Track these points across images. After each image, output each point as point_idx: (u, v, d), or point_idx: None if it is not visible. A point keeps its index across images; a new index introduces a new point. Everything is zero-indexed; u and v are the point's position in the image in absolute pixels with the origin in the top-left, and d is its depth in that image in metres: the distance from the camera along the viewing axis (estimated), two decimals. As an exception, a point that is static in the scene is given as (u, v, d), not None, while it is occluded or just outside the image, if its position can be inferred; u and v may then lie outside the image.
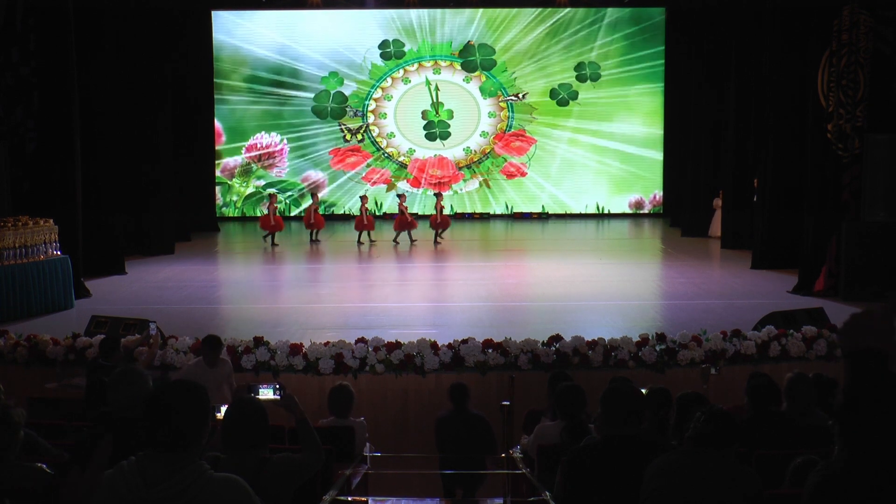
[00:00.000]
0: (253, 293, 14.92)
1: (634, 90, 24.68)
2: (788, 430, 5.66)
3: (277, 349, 10.01)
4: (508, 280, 16.33)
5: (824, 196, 14.53)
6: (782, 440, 5.52)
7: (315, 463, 4.53)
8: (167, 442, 3.19)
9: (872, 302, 11.98)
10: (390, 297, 14.64)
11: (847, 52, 13.98)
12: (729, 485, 4.04)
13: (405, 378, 9.81)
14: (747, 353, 10.07)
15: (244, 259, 19.47)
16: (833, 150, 14.19)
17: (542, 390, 7.84)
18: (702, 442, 4.13)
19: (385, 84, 24.93)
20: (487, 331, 10.42)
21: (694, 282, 15.49)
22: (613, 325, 11.78)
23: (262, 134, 24.87)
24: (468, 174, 25.23)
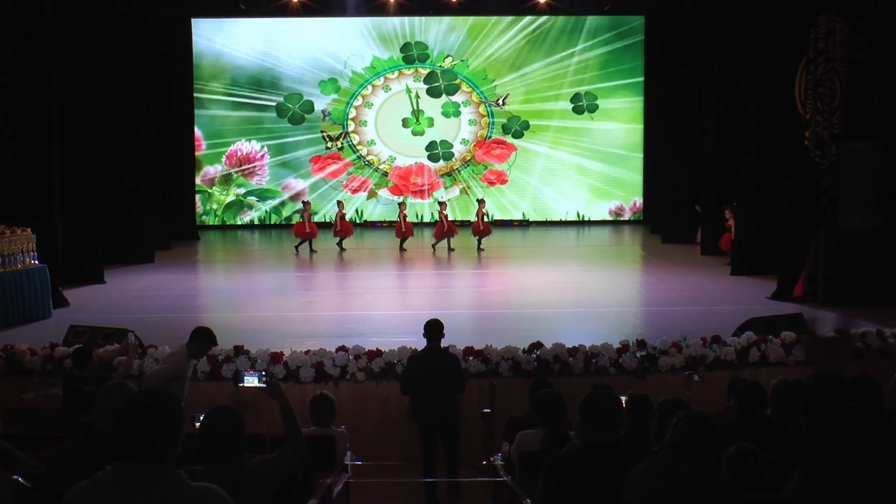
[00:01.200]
0: (233, 302, 14.84)
1: (615, 98, 24.78)
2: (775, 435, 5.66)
3: (258, 358, 9.96)
4: (489, 287, 16.34)
5: (803, 202, 14.63)
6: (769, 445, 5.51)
7: (295, 454, 4.52)
8: (142, 451, 3.15)
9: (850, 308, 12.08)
10: (371, 304, 14.60)
11: (824, 59, 14.09)
12: (709, 491, 4.04)
13: (386, 386, 9.77)
14: (727, 358, 10.10)
15: (225, 267, 19.38)
16: (811, 157, 14.29)
17: (524, 397, 7.84)
18: (680, 448, 4.13)
19: (365, 92, 24.92)
20: (468, 338, 10.40)
21: (674, 288, 15.54)
22: (594, 332, 11.79)
23: (242, 142, 24.80)
24: (448, 182, 25.23)
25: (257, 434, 6.93)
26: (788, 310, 12.16)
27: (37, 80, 14.43)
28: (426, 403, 8.32)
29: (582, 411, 4.55)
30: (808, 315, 11.66)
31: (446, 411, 8.33)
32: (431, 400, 8.30)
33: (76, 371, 8.16)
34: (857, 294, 13.62)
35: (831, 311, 13.21)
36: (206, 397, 9.08)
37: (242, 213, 25.02)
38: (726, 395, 7.09)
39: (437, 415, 8.29)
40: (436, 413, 8.28)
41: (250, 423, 5.86)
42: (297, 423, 4.64)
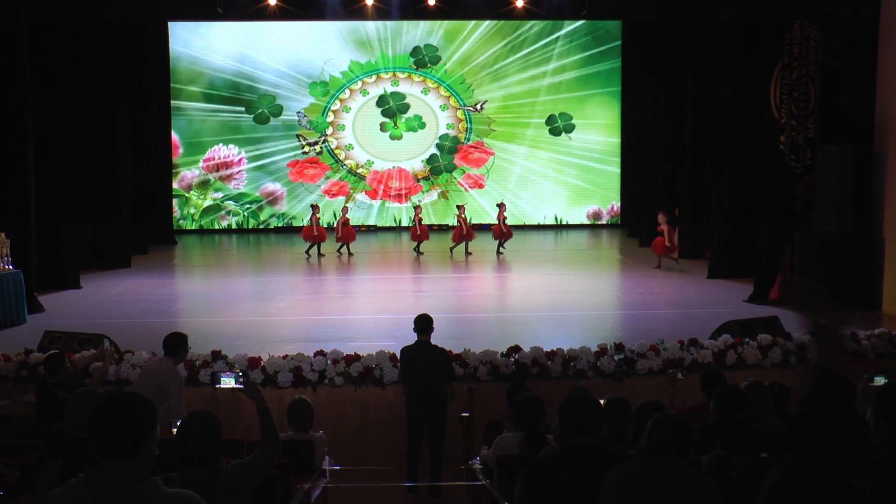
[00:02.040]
0: (211, 306, 14.77)
1: (591, 101, 24.87)
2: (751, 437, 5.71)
3: (236, 362, 9.91)
4: (468, 291, 16.34)
5: (778, 207, 14.74)
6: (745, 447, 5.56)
7: (272, 456, 4.51)
8: (115, 447, 3.13)
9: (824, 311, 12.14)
10: (349, 309, 14.57)
11: (798, 65, 14.22)
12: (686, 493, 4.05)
13: (364, 390, 9.76)
14: (704, 361, 10.16)
15: (202, 272, 19.27)
16: (786, 162, 14.40)
17: (502, 401, 7.85)
18: (656, 450, 4.14)
19: (343, 96, 24.89)
20: (447, 342, 10.38)
21: (652, 291, 15.60)
22: (572, 336, 11.82)
23: (219, 146, 24.69)
24: (426, 186, 25.24)
25: (235, 439, 6.90)
26: (765, 313, 12.24)
27: (11, 85, 14.31)
28: (415, 395, 8.68)
29: (561, 414, 4.56)
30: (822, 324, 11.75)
31: (434, 403, 8.63)
32: (420, 391, 8.64)
33: (49, 377, 8.08)
34: (832, 297, 13.73)
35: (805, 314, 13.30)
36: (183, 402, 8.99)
37: (220, 218, 24.91)
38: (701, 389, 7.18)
39: (426, 406, 8.60)
40: (424, 404, 8.60)
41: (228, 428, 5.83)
42: (274, 424, 4.63)
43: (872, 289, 13.93)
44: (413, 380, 8.77)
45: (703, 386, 7.17)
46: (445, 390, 8.73)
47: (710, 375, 7.28)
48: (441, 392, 8.73)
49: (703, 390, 7.16)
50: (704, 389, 7.13)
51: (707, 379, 7.21)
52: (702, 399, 7.18)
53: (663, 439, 4.13)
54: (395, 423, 9.10)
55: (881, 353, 10.69)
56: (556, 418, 4.66)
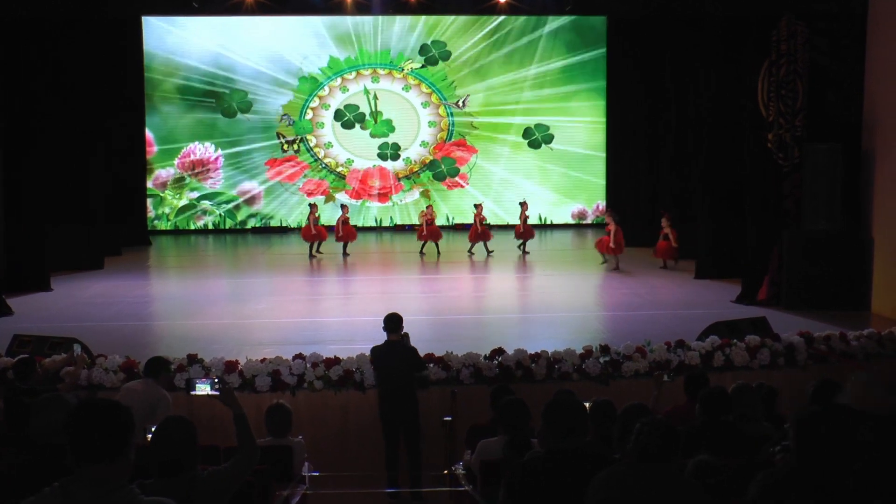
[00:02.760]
0: (187, 309, 14.70)
1: (576, 98, 24.92)
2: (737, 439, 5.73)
3: (212, 366, 9.87)
4: (450, 293, 16.34)
5: (766, 206, 14.82)
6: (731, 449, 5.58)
7: (248, 464, 4.50)
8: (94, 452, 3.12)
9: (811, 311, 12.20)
10: (329, 311, 14.55)
11: (786, 62, 14.30)
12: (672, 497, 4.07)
13: (345, 394, 9.74)
14: (691, 363, 10.20)
15: (178, 273, 19.19)
16: (774, 160, 14.48)
17: (485, 405, 7.85)
18: (643, 455, 4.16)
19: (322, 93, 24.84)
20: (429, 344, 10.39)
21: (637, 292, 15.66)
22: (557, 338, 11.83)
23: (195, 144, 24.59)
24: (408, 185, 25.23)
25: (212, 445, 6.87)
26: (753, 313, 12.30)
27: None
28: (387, 395, 8.82)
29: (545, 416, 4.57)
30: None
31: (407, 403, 8.75)
32: (392, 392, 8.78)
33: (18, 383, 8.02)
34: (821, 297, 13.82)
35: (795, 314, 13.40)
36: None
37: (196, 218, 24.80)
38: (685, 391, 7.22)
39: (398, 406, 8.73)
40: (397, 404, 8.73)
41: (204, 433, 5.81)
42: (251, 431, 4.62)
43: (861, 289, 14.04)
44: (384, 380, 8.92)
45: (687, 388, 7.21)
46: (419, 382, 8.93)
47: (694, 377, 7.31)
48: (414, 392, 8.85)
49: (686, 392, 7.19)
50: (688, 392, 7.16)
51: (691, 381, 7.24)
52: (684, 401, 7.21)
53: (650, 444, 4.15)
54: (376, 427, 9.09)
55: (870, 354, 10.77)
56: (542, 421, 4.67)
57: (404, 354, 8.92)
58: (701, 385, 7.10)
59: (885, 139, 13.92)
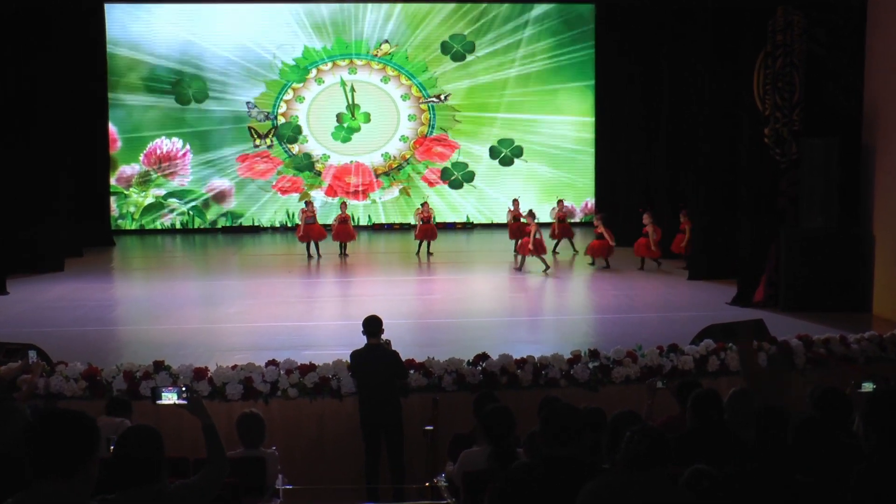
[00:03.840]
0: (153, 313, 14.63)
1: (563, 91, 24.97)
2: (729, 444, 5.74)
3: (180, 374, 9.81)
4: (431, 295, 16.34)
5: (762, 203, 14.87)
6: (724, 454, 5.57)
7: (218, 477, 4.48)
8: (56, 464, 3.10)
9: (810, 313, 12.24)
10: (304, 315, 14.51)
11: (782, 53, 14.36)
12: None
13: (321, 402, 9.70)
14: (685, 368, 10.22)
15: (143, 275, 19.10)
16: (770, 155, 14.54)
17: (468, 413, 7.84)
18: (634, 463, 4.16)
19: (296, 84, 24.79)
20: (409, 350, 10.38)
21: (628, 294, 15.70)
22: (543, 342, 11.85)
23: (161, 139, 24.48)
24: (387, 182, 25.21)
25: (180, 457, 6.84)
26: (749, 316, 12.35)
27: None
28: (367, 400, 8.85)
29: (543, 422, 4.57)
30: None
31: (388, 408, 8.80)
32: (373, 397, 8.82)
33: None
34: (820, 298, 13.89)
35: (793, 316, 13.46)
36: (122, 417, 8.91)
37: (162, 217, 24.70)
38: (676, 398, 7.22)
39: (380, 412, 8.77)
40: (378, 410, 8.77)
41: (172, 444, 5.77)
42: (221, 442, 4.60)
43: (862, 289, 14.10)
44: (365, 385, 8.97)
45: (679, 396, 7.18)
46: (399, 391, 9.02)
47: (686, 385, 7.28)
48: (396, 397, 8.91)
49: (679, 401, 7.18)
50: (681, 400, 7.15)
51: (683, 389, 7.21)
52: (677, 410, 7.20)
53: (641, 452, 4.16)
54: (354, 437, 9.07)
55: (871, 358, 10.82)
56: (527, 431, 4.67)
57: (386, 358, 8.95)
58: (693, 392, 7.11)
59: (886, 133, 13.99)
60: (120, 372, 9.65)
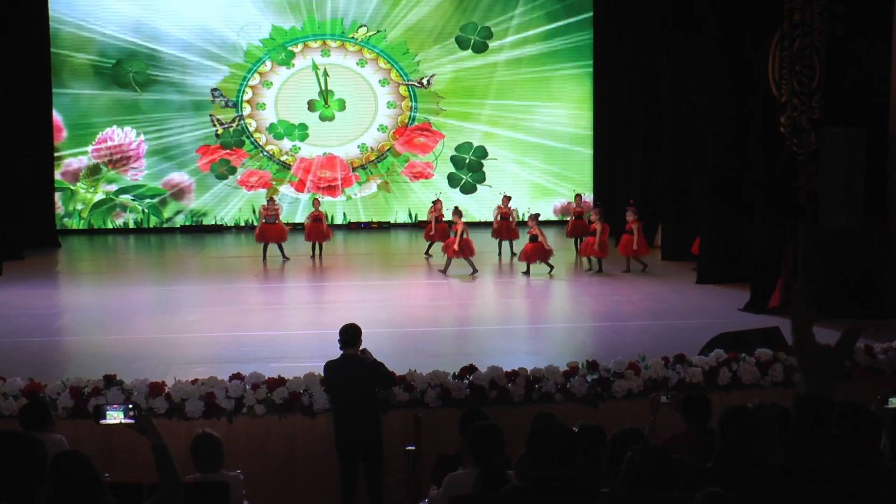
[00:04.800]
0: (103, 322, 14.58)
1: (558, 76, 25.00)
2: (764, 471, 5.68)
3: (134, 389, 9.77)
4: (413, 301, 16.33)
5: (777, 199, 14.91)
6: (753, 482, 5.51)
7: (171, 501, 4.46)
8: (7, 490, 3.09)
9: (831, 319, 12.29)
10: (272, 323, 14.48)
11: (800, 34, 14.38)
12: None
13: (291, 420, 9.68)
14: (693, 380, 10.24)
15: (93, 280, 19.02)
16: (787, 147, 14.57)
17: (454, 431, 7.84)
18: (635, 484, 4.17)
19: (263, 68, 24.75)
20: (389, 361, 10.35)
21: (630, 300, 15.73)
22: (537, 353, 11.87)
23: (113, 129, 24.40)
24: (364, 176, 25.19)
25: (135, 482, 6.81)
26: (763, 323, 12.38)
27: None
28: (343, 416, 8.82)
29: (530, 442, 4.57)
30: None
31: (366, 425, 8.78)
32: (349, 412, 8.79)
33: None
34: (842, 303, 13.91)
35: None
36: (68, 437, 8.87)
37: (114, 215, 24.62)
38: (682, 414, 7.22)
39: (357, 428, 8.75)
40: (354, 426, 8.75)
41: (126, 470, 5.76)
42: (173, 464, 4.59)
43: (888, 294, 14.15)
44: (340, 401, 8.92)
45: (685, 412, 7.18)
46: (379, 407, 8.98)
47: (693, 399, 7.28)
48: (375, 412, 8.89)
49: (685, 417, 7.18)
50: (687, 416, 7.15)
51: (690, 404, 7.20)
52: (683, 428, 7.20)
53: (643, 473, 4.16)
54: (328, 458, 9.06)
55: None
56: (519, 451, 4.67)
57: (363, 371, 8.93)
58: (701, 408, 7.10)
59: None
60: (66, 388, 9.58)
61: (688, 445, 6.65)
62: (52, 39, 23.67)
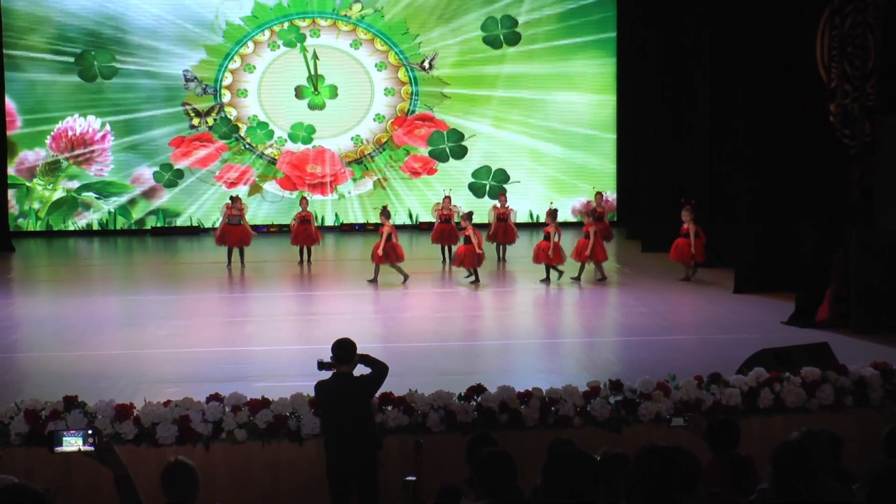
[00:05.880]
0: (64, 336, 14.59)
1: (578, 61, 25.01)
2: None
3: (98, 412, 9.78)
4: (412, 312, 16.34)
5: (827, 198, 14.88)
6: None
7: None
8: None
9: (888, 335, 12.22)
10: (255, 338, 14.49)
11: (853, 10, 14.35)
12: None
13: (276, 447, 9.69)
14: (730, 403, 10.22)
15: (51, 289, 19.05)
16: (837, 138, 14.55)
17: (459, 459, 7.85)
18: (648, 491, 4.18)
19: (245, 50, 24.78)
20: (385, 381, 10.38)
21: (658, 311, 15.71)
22: (553, 371, 11.87)
23: (74, 117, 24.44)
24: (358, 171, 25.21)
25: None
26: (810, 338, 12.36)
27: None
28: (335, 445, 8.74)
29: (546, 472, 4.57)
30: None
31: (362, 451, 8.72)
32: (343, 437, 8.70)
33: None
34: None
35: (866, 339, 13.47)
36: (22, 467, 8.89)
37: (76, 215, 24.65)
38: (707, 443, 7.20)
39: (351, 455, 8.69)
40: (348, 453, 8.69)
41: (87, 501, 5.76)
42: (139, 498, 4.58)
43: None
44: (332, 425, 8.86)
45: (710, 437, 7.16)
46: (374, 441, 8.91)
47: (720, 424, 7.25)
48: (370, 439, 8.85)
49: (709, 445, 7.15)
50: (712, 443, 7.12)
51: (715, 430, 7.17)
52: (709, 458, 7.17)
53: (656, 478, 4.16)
54: (318, 490, 9.06)
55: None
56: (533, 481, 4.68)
57: (359, 391, 8.93)
58: (729, 435, 7.07)
59: None
60: (20, 411, 9.58)
61: (716, 476, 6.64)
62: (4, 16, 23.70)
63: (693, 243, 17.89)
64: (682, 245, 18.10)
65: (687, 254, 18.03)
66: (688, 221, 18.04)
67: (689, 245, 17.95)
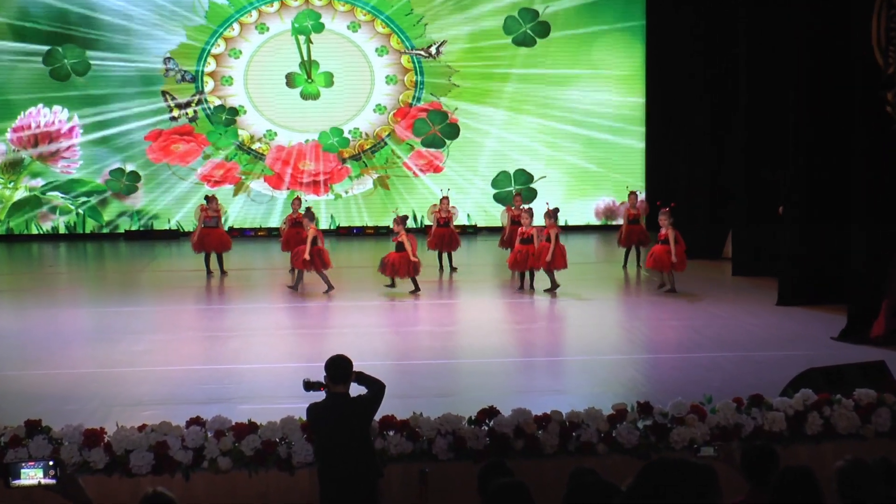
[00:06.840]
0: (26, 353, 14.61)
1: (602, 46, 25.04)
2: None
3: (64, 438, 9.78)
4: (417, 326, 16.34)
5: (882, 200, 14.86)
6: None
7: None
8: None
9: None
10: (240, 354, 14.49)
11: (915, -15, 14.40)
12: None
13: (264, 476, 9.70)
14: (773, 429, 10.21)
15: (13, 299, 19.08)
16: (894, 131, 14.54)
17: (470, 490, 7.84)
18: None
19: (230, 33, 24.82)
20: (386, 402, 10.34)
21: (693, 325, 15.70)
22: (574, 392, 11.86)
23: (38, 108, 24.49)
24: (356, 168, 25.23)
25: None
26: (864, 356, 12.34)
27: None
28: (330, 473, 8.64)
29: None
30: None
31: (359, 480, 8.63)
32: (337, 468, 8.60)
33: None
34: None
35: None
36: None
37: (40, 217, 24.69)
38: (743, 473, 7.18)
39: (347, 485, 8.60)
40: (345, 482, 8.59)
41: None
42: None
43: None
44: (327, 450, 8.75)
45: (747, 469, 7.14)
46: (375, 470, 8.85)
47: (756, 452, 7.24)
48: (369, 466, 8.79)
49: (745, 475, 7.14)
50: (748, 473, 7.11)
51: (752, 459, 7.16)
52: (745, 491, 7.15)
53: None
54: (309, 524, 9.07)
55: None
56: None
57: (356, 413, 8.89)
58: (767, 461, 7.05)
59: None
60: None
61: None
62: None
63: (673, 250, 17.91)
64: (660, 252, 18.14)
65: (666, 262, 18.04)
66: (665, 226, 18.09)
67: (668, 252, 17.98)
